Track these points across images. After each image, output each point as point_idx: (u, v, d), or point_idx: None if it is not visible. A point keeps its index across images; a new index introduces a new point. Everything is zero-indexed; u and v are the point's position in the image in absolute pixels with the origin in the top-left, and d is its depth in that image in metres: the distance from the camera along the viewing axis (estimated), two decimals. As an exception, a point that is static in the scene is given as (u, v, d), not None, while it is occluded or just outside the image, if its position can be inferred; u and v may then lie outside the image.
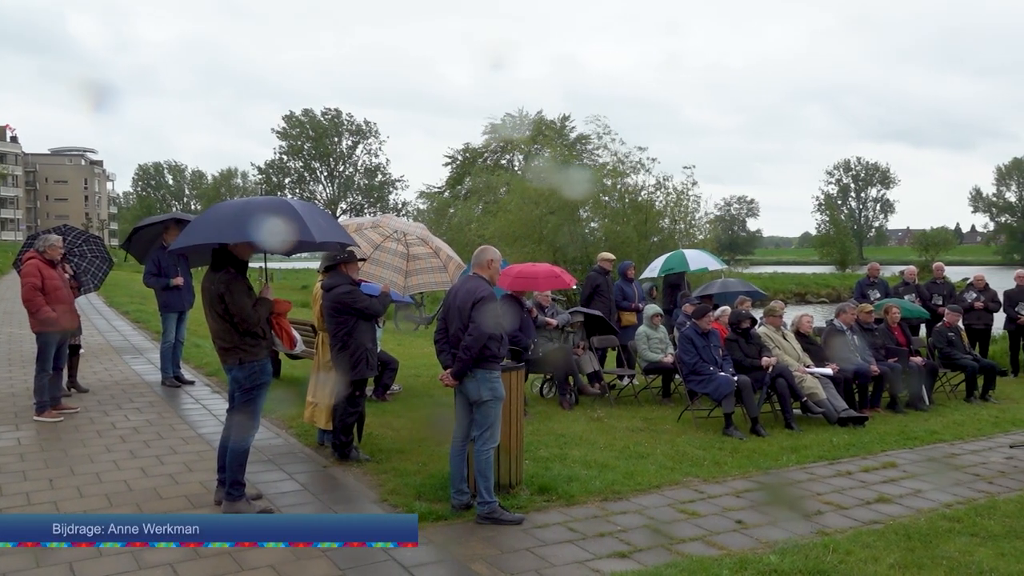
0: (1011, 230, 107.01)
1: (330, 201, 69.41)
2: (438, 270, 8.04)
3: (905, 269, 14.20)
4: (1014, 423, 9.25)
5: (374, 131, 71.14)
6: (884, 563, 4.74)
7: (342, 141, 70.27)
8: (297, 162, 69.85)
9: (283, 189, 67.99)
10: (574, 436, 7.97)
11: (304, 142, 68.58)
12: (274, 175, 69.14)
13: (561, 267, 10.17)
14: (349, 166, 71.26)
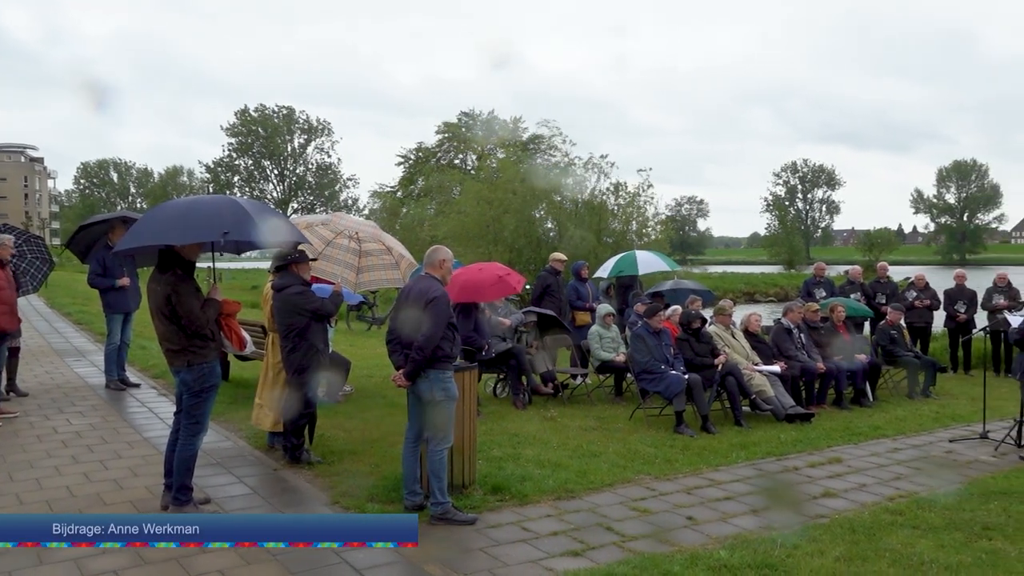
0: (950, 231, 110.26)
1: (281, 200, 68.46)
2: (390, 267, 7.99)
3: (850, 269, 14.53)
4: (954, 418, 9.53)
5: (326, 129, 70.46)
6: (830, 556, 4.84)
7: (294, 139, 69.42)
8: (247, 160, 68.77)
9: (232, 188, 66.84)
10: (527, 436, 7.99)
11: (255, 140, 67.54)
12: (223, 173, 67.95)
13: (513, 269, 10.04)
14: (300, 165, 70.42)
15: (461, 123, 45.79)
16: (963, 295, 13.21)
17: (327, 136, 70.57)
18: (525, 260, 26.22)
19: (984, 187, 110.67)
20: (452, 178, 35.83)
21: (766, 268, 72.94)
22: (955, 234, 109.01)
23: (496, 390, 10.32)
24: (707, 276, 44.46)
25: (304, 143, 69.93)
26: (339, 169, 70.53)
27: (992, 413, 8.94)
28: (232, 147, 67.67)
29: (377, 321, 19.50)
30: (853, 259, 58.09)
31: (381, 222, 35.70)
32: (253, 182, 69.04)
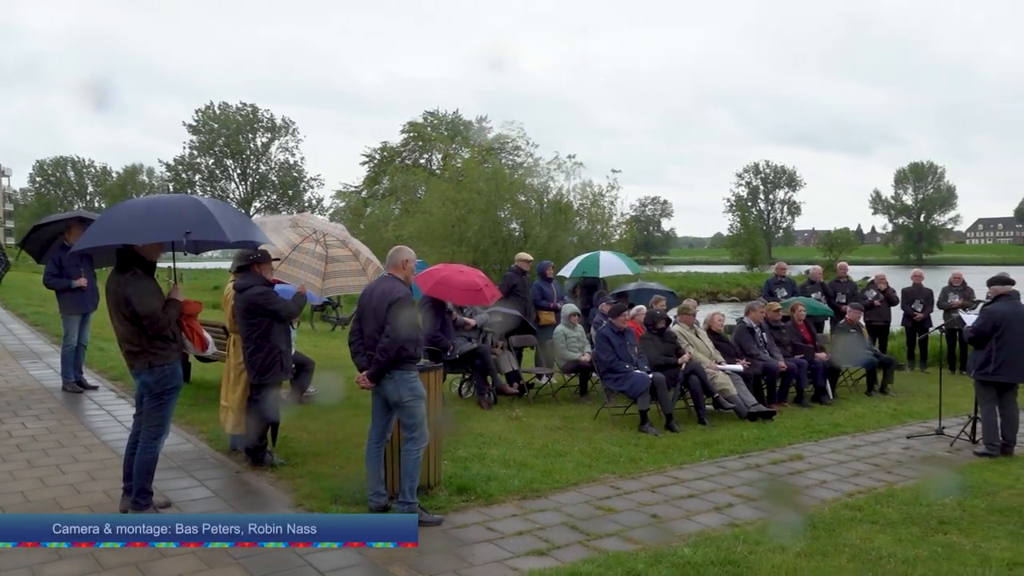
0: (908, 231, 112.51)
1: (243, 199, 67.61)
2: (357, 273, 7.93)
3: (811, 268, 14.77)
4: (911, 415, 9.72)
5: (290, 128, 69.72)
6: (791, 552, 4.91)
7: (257, 138, 68.61)
8: (209, 159, 67.80)
9: (193, 187, 65.83)
10: (493, 435, 7.99)
11: (217, 138, 66.60)
12: (184, 172, 66.91)
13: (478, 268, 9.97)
14: (264, 164, 69.62)
15: (426, 123, 45.64)
16: (920, 294, 13.48)
17: (291, 135, 69.87)
18: (491, 260, 26.21)
19: (940, 189, 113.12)
20: (417, 178, 35.69)
21: (729, 268, 73.78)
22: (912, 234, 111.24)
23: (461, 390, 10.30)
24: (670, 276, 44.87)
25: (267, 142, 69.17)
26: (303, 168, 69.83)
27: (948, 410, 9.15)
28: (194, 145, 66.71)
29: (341, 321, 19.36)
30: (814, 259, 59.06)
31: (345, 222, 35.47)
32: (215, 181, 68.06)
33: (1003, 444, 7.70)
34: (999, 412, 7.74)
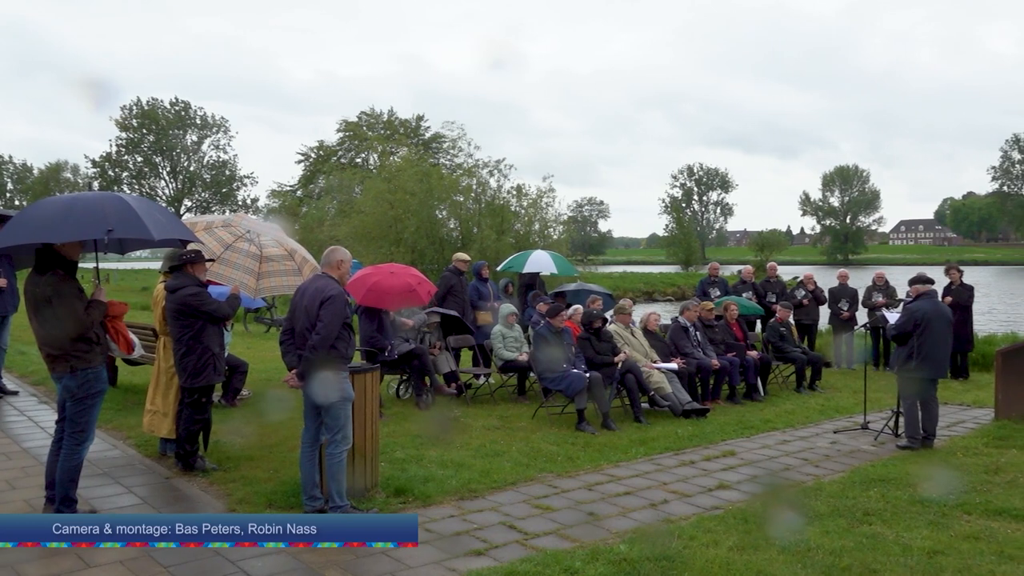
0: (835, 232, 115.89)
1: (173, 198, 65.81)
2: (292, 273, 7.79)
3: (742, 268, 15.10)
4: (838, 410, 10.02)
5: (222, 125, 68.12)
6: (724, 546, 5.01)
7: (188, 135, 66.83)
8: (137, 156, 65.79)
9: (120, 184, 63.79)
10: (430, 436, 7.94)
11: (146, 134, 64.64)
12: (110, 169, 64.79)
13: (414, 268, 9.83)
14: (195, 161, 67.88)
15: (362, 122, 45.18)
16: (846, 293, 13.91)
17: (223, 132, 68.27)
18: (428, 261, 26.10)
19: (865, 192, 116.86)
20: (353, 177, 35.31)
21: (664, 268, 74.88)
22: (839, 235, 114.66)
23: (399, 391, 10.23)
24: (606, 276, 45.34)
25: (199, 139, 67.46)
26: (236, 166, 68.30)
27: (872, 405, 9.46)
28: (121, 142, 64.62)
29: (276, 323, 19.01)
30: (745, 259, 60.29)
31: (280, 222, 34.85)
32: (143, 179, 66.08)
33: (924, 437, 7.99)
34: (920, 406, 8.03)
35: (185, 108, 65.75)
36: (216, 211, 63.37)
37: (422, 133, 46.17)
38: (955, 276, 12.83)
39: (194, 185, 67.57)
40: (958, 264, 14.10)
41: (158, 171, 67.19)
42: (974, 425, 9.08)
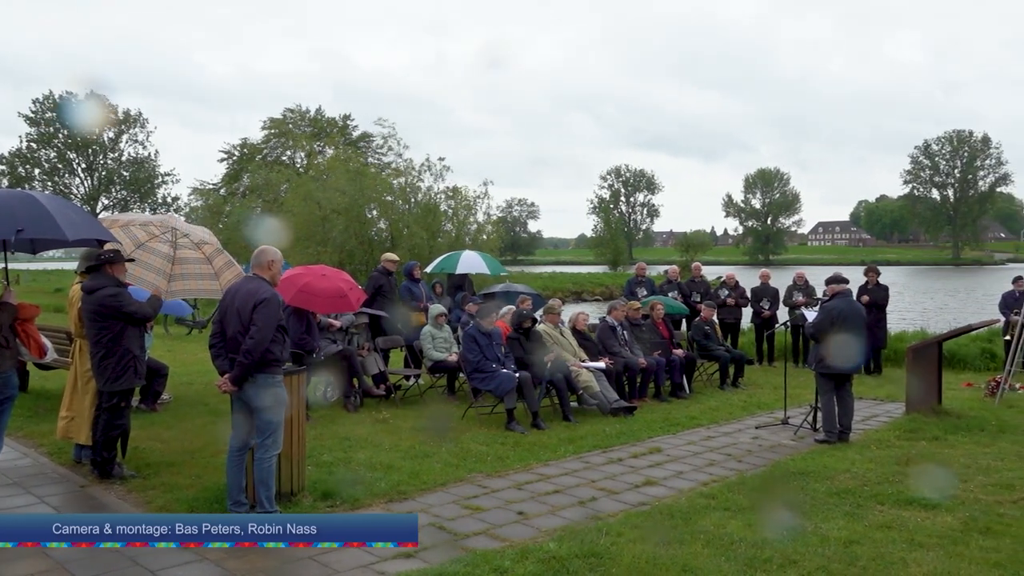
0: (756, 233, 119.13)
1: (89, 196, 63.39)
2: (208, 277, 7.59)
3: (668, 268, 15.39)
4: (760, 406, 10.31)
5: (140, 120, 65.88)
6: (651, 541, 5.10)
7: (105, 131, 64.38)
8: (50, 152, 63.11)
9: (32, 181, 61.13)
10: (359, 439, 7.87)
11: (59, 129, 62.03)
12: (21, 166, 62.01)
13: (344, 270, 9.64)
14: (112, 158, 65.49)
15: (287, 119, 44.35)
16: (767, 293, 14.31)
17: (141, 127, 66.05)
18: (357, 261, 25.84)
19: (785, 194, 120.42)
20: (279, 176, 34.66)
21: (593, 268, 75.76)
22: (760, 236, 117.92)
23: (326, 393, 10.09)
24: (536, 276, 45.65)
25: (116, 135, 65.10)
26: (157, 163, 66.18)
27: (792, 400, 9.76)
28: (32, 137, 61.90)
29: (199, 325, 18.54)
30: (671, 259, 61.57)
31: (203, 221, 33.98)
32: (57, 176, 63.46)
33: (840, 431, 8.28)
34: (837, 401, 8.32)
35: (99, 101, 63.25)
36: (135, 209, 61.25)
37: (350, 132, 45.60)
38: (872, 277, 13.36)
39: (112, 183, 65.22)
40: (875, 264, 14.69)
41: (72, 168, 64.64)
42: (887, 419, 9.45)
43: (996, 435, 8.26)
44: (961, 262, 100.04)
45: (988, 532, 5.30)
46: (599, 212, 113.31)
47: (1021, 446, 7.79)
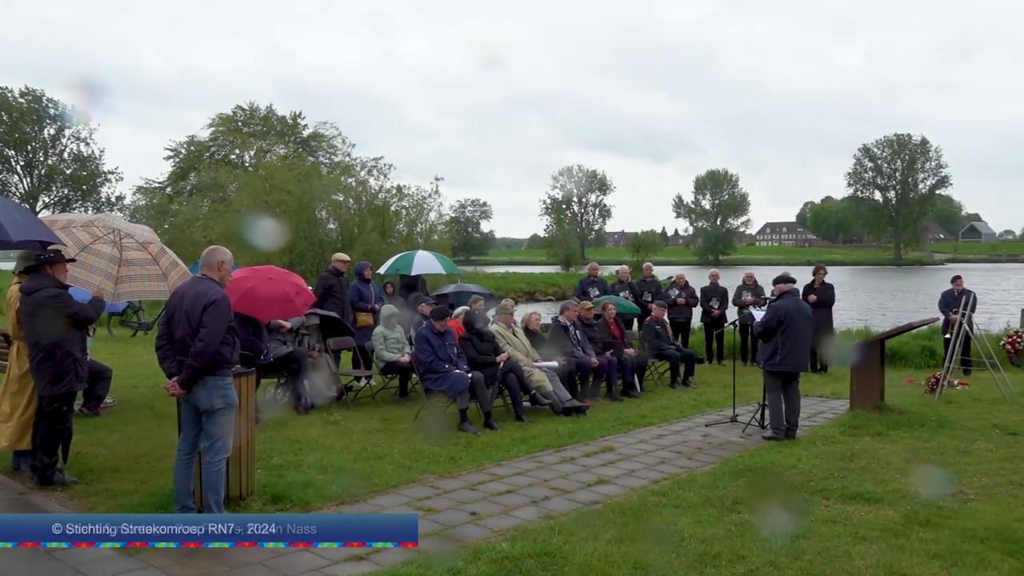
0: (706, 234, 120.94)
1: (28, 194, 61.51)
2: (155, 278, 7.44)
3: (620, 268, 15.53)
4: (709, 404, 10.46)
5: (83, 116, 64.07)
6: (603, 540, 5.14)
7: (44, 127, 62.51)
8: (-14, 149, 61.05)
9: (-33, 180, 59.11)
10: (309, 441, 7.78)
11: (-6, 127, 60.02)
12: (-44, 164, 59.89)
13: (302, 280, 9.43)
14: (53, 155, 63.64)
15: (236, 117, 43.59)
16: (716, 292, 14.52)
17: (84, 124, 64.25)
18: (307, 262, 25.53)
19: (734, 195, 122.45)
20: (227, 175, 34.06)
21: (545, 268, 76.00)
22: (710, 237, 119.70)
23: (276, 395, 9.95)
24: (488, 276, 45.63)
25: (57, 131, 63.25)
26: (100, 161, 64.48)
27: (740, 398, 9.92)
28: (-34, 135, 59.82)
29: (144, 326, 18.12)
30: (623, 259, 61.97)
31: (149, 220, 33.23)
32: (-7, 174, 61.44)
33: (787, 428, 8.44)
34: (784, 399, 8.48)
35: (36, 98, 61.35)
36: (77, 209, 59.60)
37: (300, 131, 45.00)
38: (820, 276, 13.68)
39: (52, 181, 63.39)
40: (822, 264, 15.04)
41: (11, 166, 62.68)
42: (832, 415, 9.67)
43: (936, 430, 8.51)
44: (903, 262, 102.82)
45: (928, 525, 5.45)
46: (551, 212, 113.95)
47: (960, 441, 8.04)
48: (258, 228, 20.75)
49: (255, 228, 20.15)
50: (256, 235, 20.59)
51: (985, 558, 4.82)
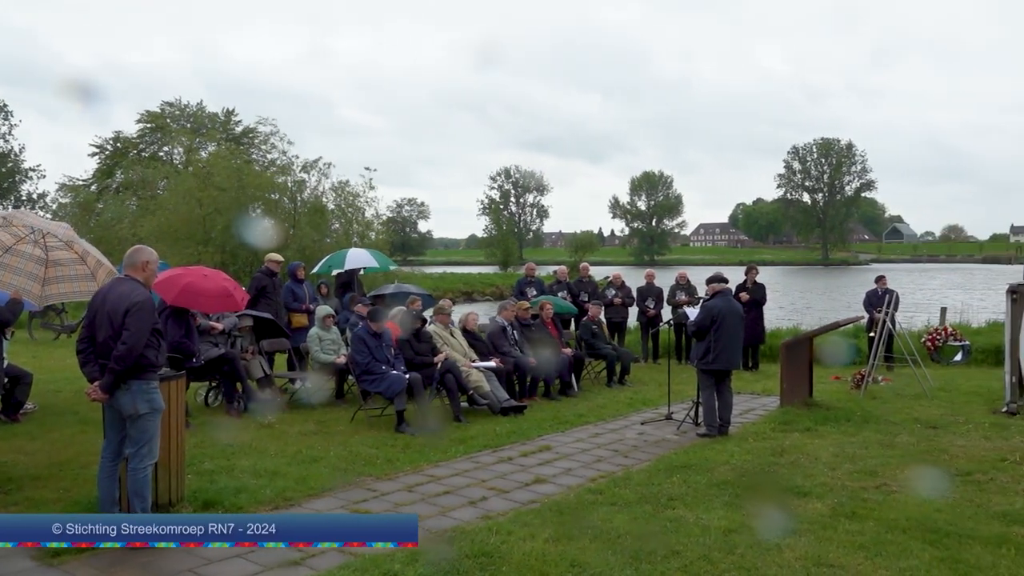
0: (641, 234, 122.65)
1: (-58, 192, 58.74)
2: (84, 278, 7.18)
3: (557, 269, 15.63)
4: (645, 403, 10.60)
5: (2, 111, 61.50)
6: (540, 539, 5.16)
7: (-42, 122, 59.76)
8: None
9: None
10: (242, 445, 7.62)
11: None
12: None
13: (225, 271, 9.33)
14: (-33, 151, 60.88)
15: (165, 113, 42.43)
16: (652, 292, 14.73)
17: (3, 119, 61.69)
18: (240, 262, 24.99)
19: (669, 196, 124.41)
20: (157, 172, 33.12)
21: (483, 268, 76.03)
22: (645, 238, 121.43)
23: (208, 399, 9.72)
24: (426, 276, 45.41)
25: (-29, 127, 60.52)
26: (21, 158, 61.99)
27: (675, 396, 10.08)
28: None
29: (67, 329, 17.49)
30: (560, 260, 62.43)
31: (73, 219, 32.10)
32: (-97, 171, 58.49)
33: (720, 425, 8.61)
34: (717, 396, 8.65)
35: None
36: (-5, 207, 57.12)
37: (232, 128, 44.03)
38: (752, 276, 14.00)
39: (-32, 178, 60.68)
40: (755, 264, 15.42)
41: (-78, 161, 59.79)
42: (763, 412, 9.91)
43: (861, 425, 8.79)
44: (830, 262, 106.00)
45: (854, 517, 5.62)
46: (489, 213, 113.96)
47: (883, 435, 8.32)
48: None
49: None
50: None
51: (907, 548, 5.00)
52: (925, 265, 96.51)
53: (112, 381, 4.99)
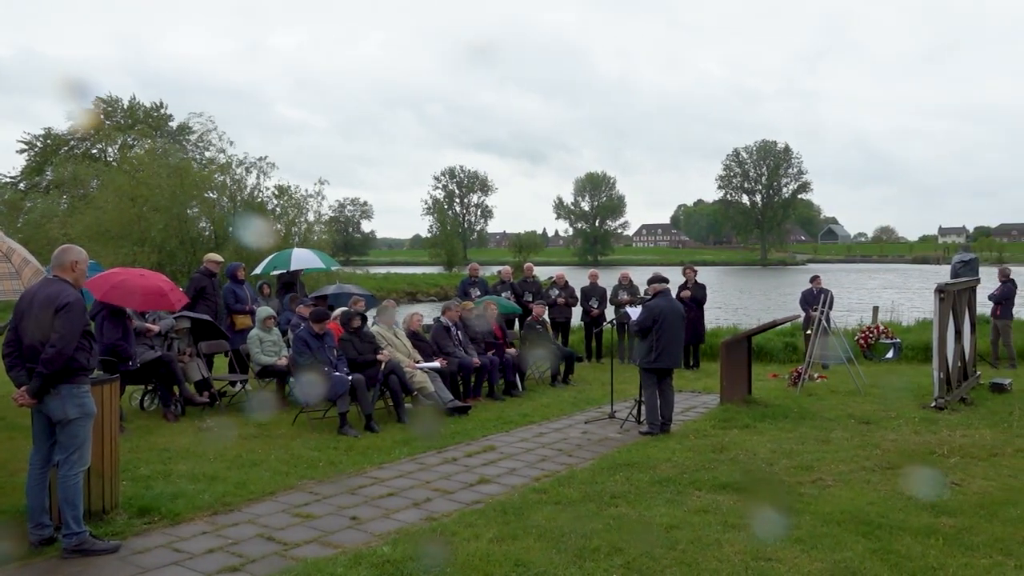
0: (585, 235, 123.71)
1: None
2: (8, 276, 6.90)
3: (502, 269, 15.65)
4: (588, 401, 10.68)
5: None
6: (485, 539, 5.15)
7: None
8: None
9: None
10: (180, 449, 7.45)
11: None
12: None
13: (163, 272, 9.13)
14: None
15: (98, 108, 41.23)
16: (595, 292, 14.85)
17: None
18: (178, 262, 24.46)
19: (612, 197, 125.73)
20: (88, 170, 32.18)
21: (427, 268, 75.71)
22: (589, 238, 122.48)
23: (144, 403, 9.47)
24: (370, 277, 45.04)
25: None
26: (-58, 154, 59.51)
27: (618, 395, 10.18)
28: None
29: (-6, 332, 16.87)
30: (505, 260, 62.59)
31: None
32: None
33: (662, 423, 8.72)
34: (659, 395, 8.76)
35: None
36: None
37: (165, 123, 42.98)
38: (690, 275, 14.21)
39: None
40: (692, 264, 15.65)
41: None
42: (704, 410, 10.07)
43: (798, 421, 9.00)
44: (768, 262, 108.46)
45: (790, 511, 5.75)
46: (434, 213, 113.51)
47: (819, 431, 8.54)
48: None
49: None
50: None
51: (841, 540, 5.13)
52: (859, 265, 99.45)
53: (41, 385, 4.83)
